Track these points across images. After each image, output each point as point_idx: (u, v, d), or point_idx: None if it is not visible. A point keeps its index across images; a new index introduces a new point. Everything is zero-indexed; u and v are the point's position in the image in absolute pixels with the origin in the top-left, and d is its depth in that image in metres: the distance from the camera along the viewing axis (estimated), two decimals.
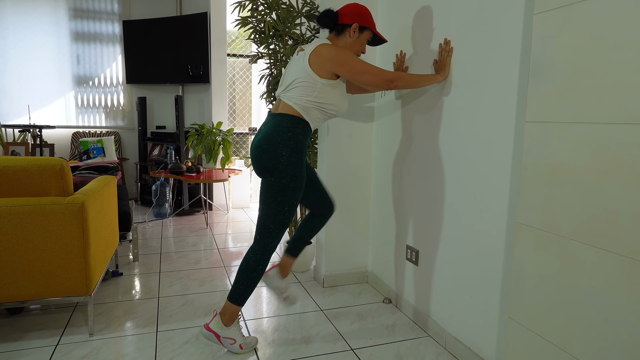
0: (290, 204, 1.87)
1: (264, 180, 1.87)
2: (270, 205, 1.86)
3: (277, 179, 1.83)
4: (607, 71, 1.10)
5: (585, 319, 1.17)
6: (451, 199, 1.99)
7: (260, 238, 1.89)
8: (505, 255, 1.68)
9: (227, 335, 1.92)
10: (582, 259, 1.17)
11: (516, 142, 1.61)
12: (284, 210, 1.86)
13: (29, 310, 2.31)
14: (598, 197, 1.12)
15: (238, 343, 1.93)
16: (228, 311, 1.92)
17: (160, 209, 4.49)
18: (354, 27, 1.90)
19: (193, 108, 5.20)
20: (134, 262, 3.12)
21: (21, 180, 1.90)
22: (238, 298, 1.91)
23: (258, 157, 1.85)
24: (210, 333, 1.92)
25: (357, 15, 1.90)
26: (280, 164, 1.82)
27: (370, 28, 1.94)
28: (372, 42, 2.01)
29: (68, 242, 1.93)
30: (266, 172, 1.84)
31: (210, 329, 1.92)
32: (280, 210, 1.86)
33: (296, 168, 1.85)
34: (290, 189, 1.85)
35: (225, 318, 1.93)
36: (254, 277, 1.90)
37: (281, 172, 1.82)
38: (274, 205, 1.85)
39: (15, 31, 4.78)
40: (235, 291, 1.91)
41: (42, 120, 4.96)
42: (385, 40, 2.00)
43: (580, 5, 1.16)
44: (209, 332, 1.93)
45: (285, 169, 1.82)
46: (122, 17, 5.11)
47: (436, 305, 2.12)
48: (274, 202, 1.85)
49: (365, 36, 1.95)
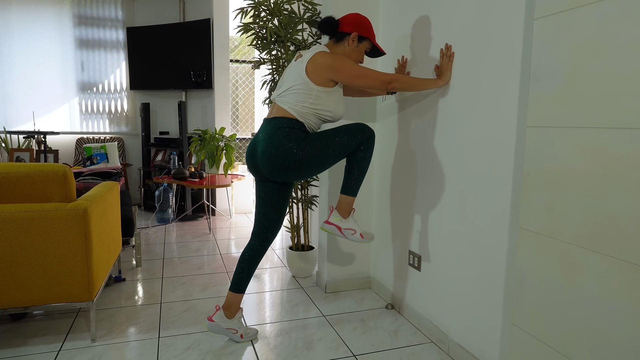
0: (330, 145, 1.89)
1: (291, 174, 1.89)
2: (324, 154, 1.87)
3: (305, 156, 1.85)
4: (608, 75, 1.10)
5: (589, 325, 1.16)
6: (453, 204, 1.98)
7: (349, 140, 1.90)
8: (508, 261, 1.68)
9: (348, 226, 2.03)
10: (584, 264, 1.17)
11: (518, 147, 1.61)
12: (335, 142, 1.88)
13: (32, 316, 2.31)
14: (600, 202, 1.12)
15: (358, 233, 2.03)
16: (344, 204, 2.01)
17: (164, 214, 4.50)
18: (353, 35, 1.92)
19: (196, 114, 5.22)
20: (136, 267, 3.12)
21: (25, 187, 1.91)
22: (352, 189, 1.99)
23: (271, 163, 1.85)
24: (332, 226, 2.03)
25: (357, 25, 1.92)
26: (294, 154, 1.84)
27: (369, 38, 1.95)
28: (371, 53, 2.03)
29: (71, 247, 1.93)
30: (289, 168, 1.86)
31: (331, 222, 2.04)
32: (330, 150, 1.88)
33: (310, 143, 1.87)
34: (314, 148, 1.86)
35: (342, 210, 2.02)
36: (363, 165, 1.96)
37: (302, 152, 1.84)
38: (328, 150, 1.87)
39: (20, 38, 4.82)
40: (347, 183, 1.99)
41: (47, 126, 4.99)
42: (383, 53, 2.02)
43: (580, 10, 1.16)
44: (330, 226, 2.04)
45: (303, 149, 1.85)
46: (126, 23, 5.15)
47: (439, 311, 2.11)
48: (322, 155, 1.87)
49: (363, 46, 1.96)
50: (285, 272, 3.11)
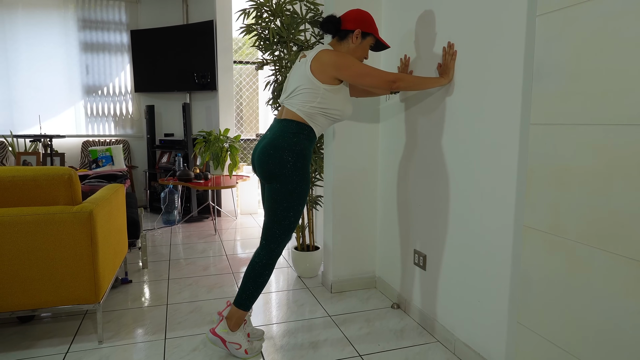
0: (296, 209, 1.87)
1: (269, 186, 1.87)
2: (276, 211, 1.86)
3: (283, 184, 1.83)
4: (612, 72, 1.09)
5: (595, 323, 1.15)
6: (457, 202, 1.98)
7: (267, 243, 1.90)
8: (513, 259, 1.67)
9: (233, 340, 1.93)
10: (590, 262, 1.16)
11: (521, 145, 1.60)
12: (289, 216, 1.86)
13: (40, 319, 2.33)
14: (605, 199, 1.11)
15: (243, 348, 1.93)
16: (234, 316, 1.93)
17: (169, 216, 4.52)
18: (357, 32, 1.90)
19: (200, 115, 5.24)
20: (143, 269, 3.14)
21: (31, 190, 1.92)
22: (244, 303, 1.91)
23: (264, 162, 1.85)
24: (216, 338, 1.93)
25: (360, 21, 1.91)
26: (286, 170, 1.82)
27: (373, 34, 1.94)
28: (375, 47, 2.01)
29: (77, 250, 1.95)
30: (272, 177, 1.84)
31: (216, 333, 1.93)
32: (285, 216, 1.86)
33: (302, 174, 1.85)
34: (295, 194, 1.85)
35: (231, 323, 1.93)
36: (260, 282, 1.91)
37: (287, 178, 1.83)
38: (280, 211, 1.85)
39: (26, 43, 4.86)
40: (241, 296, 1.91)
41: (53, 129, 5.03)
42: (388, 46, 2.00)
43: (583, 6, 1.15)
44: (214, 337, 1.93)
45: (291, 175, 1.83)
46: (130, 26, 5.18)
47: (444, 310, 2.10)
48: (280, 207, 1.85)
49: (367, 42, 1.95)
50: (291, 272, 3.11)
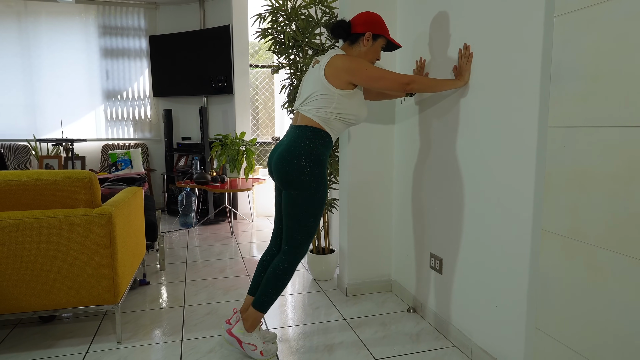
0: (316, 215, 1.88)
1: (287, 192, 1.88)
2: (296, 217, 1.87)
3: (302, 190, 1.84)
4: (631, 72, 1.06)
5: (614, 329, 1.12)
6: (474, 205, 1.95)
7: (288, 248, 1.91)
8: (531, 263, 1.64)
9: (249, 341, 1.95)
10: (610, 266, 1.13)
11: (539, 147, 1.58)
12: (309, 222, 1.88)
13: (61, 319, 2.38)
14: (625, 203, 1.09)
15: (259, 349, 1.95)
16: (251, 317, 1.95)
17: (187, 218, 4.57)
18: (367, 35, 1.91)
19: (217, 119, 5.29)
20: (160, 271, 3.18)
21: (52, 193, 1.97)
22: (262, 305, 1.93)
23: (281, 168, 1.86)
24: (233, 338, 1.95)
25: (370, 24, 1.91)
26: (304, 176, 1.83)
27: (384, 35, 1.94)
28: (387, 48, 2.01)
29: (96, 252, 1.99)
30: (290, 184, 1.85)
31: (232, 334, 1.95)
32: (306, 222, 1.87)
33: (319, 179, 1.86)
34: (315, 200, 1.86)
35: (248, 324, 1.95)
36: (280, 285, 1.92)
37: (305, 184, 1.84)
38: (300, 217, 1.86)
39: (48, 49, 4.99)
40: (260, 299, 1.93)
41: (74, 133, 5.15)
42: (399, 46, 2.00)
43: (601, 7, 1.13)
44: (231, 337, 1.96)
45: (308, 181, 1.84)
46: (149, 32, 5.27)
47: (461, 315, 2.08)
48: (300, 213, 1.86)
49: (379, 43, 1.95)
50: (307, 275, 3.12)
